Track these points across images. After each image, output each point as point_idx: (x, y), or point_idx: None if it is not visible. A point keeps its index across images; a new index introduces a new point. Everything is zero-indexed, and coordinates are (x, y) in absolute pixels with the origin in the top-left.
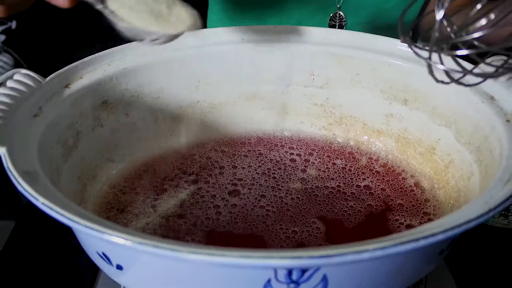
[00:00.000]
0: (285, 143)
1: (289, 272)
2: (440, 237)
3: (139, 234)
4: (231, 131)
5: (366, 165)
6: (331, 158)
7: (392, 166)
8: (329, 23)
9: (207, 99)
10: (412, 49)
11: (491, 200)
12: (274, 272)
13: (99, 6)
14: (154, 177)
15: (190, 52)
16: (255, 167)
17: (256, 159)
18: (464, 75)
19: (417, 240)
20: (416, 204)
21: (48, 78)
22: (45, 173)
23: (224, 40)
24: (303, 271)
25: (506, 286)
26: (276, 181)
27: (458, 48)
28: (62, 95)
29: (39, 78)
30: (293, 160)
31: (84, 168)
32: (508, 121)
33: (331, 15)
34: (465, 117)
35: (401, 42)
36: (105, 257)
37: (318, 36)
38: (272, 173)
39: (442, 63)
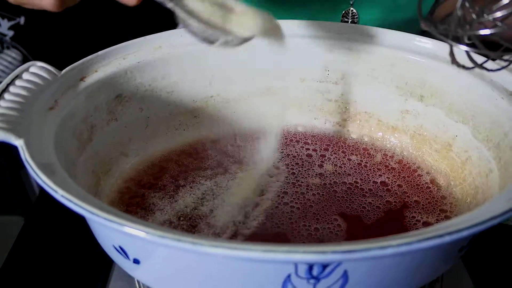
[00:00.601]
0: (299, 138)
1: (310, 267)
2: (465, 233)
3: (159, 227)
4: (245, 127)
5: (381, 161)
6: (346, 154)
7: (407, 163)
8: (341, 20)
9: (220, 94)
10: (434, 31)
11: None
12: (294, 267)
13: (169, 5)
14: (169, 172)
15: (203, 47)
16: (273, 163)
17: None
18: (487, 60)
19: (442, 236)
20: (433, 201)
21: (64, 71)
22: (62, 166)
23: None
24: (324, 266)
25: None
26: (295, 176)
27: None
28: (77, 88)
29: (54, 71)
30: (309, 156)
31: (98, 161)
32: None
33: (344, 12)
34: (483, 113)
35: (422, 27)
36: (122, 251)
37: (334, 30)
38: (291, 169)
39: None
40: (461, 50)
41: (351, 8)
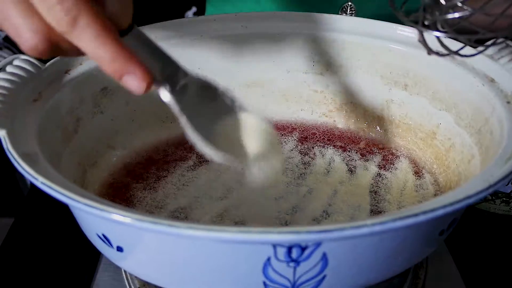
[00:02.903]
0: (287, 129)
1: (289, 249)
2: (440, 212)
3: (137, 212)
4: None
5: (366, 148)
6: (332, 142)
7: (393, 152)
8: (339, 14)
9: None
10: (404, 19)
11: (490, 177)
12: (273, 250)
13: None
14: (156, 164)
15: (190, 39)
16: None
17: None
18: (464, 46)
19: (416, 215)
20: (418, 189)
21: (48, 64)
22: (45, 157)
23: (223, 27)
24: (303, 249)
25: (507, 272)
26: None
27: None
28: (62, 81)
29: (38, 64)
30: (295, 146)
31: (84, 154)
32: (508, 102)
33: (341, 6)
34: (466, 100)
35: (397, 16)
36: (105, 239)
37: (318, 22)
38: None
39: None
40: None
41: (349, 3)
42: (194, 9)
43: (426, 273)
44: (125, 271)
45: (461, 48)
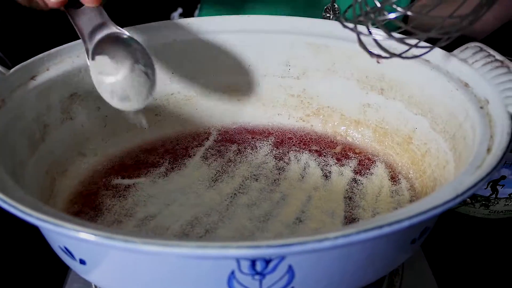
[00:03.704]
0: (262, 134)
1: (253, 262)
2: (405, 223)
3: (92, 226)
4: (207, 123)
5: (342, 152)
6: (307, 146)
7: (369, 157)
8: (323, 16)
9: (181, 91)
10: (341, 23)
11: (459, 186)
12: (237, 263)
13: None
14: (127, 171)
15: (162, 43)
16: (234, 158)
17: (234, 150)
18: (409, 49)
19: (380, 227)
20: (393, 194)
21: (12, 69)
22: (5, 166)
23: (197, 31)
24: (267, 261)
25: (487, 277)
26: (255, 171)
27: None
28: (28, 87)
29: (2, 70)
30: (270, 151)
31: (53, 162)
32: (481, 107)
33: (326, 7)
34: (440, 105)
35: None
36: (68, 252)
37: (294, 25)
38: (249, 162)
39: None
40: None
41: (334, 3)
42: (180, 10)
43: (402, 280)
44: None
45: (406, 51)
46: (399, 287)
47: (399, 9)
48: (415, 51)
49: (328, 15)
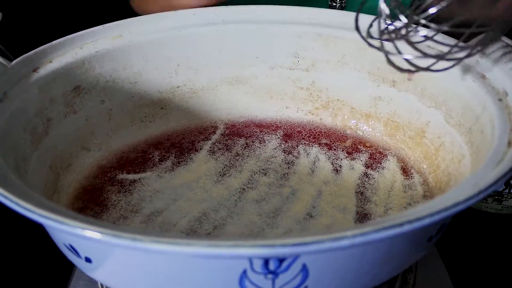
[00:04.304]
0: (271, 128)
1: (266, 261)
2: (427, 221)
3: (98, 223)
4: (214, 117)
5: (353, 146)
6: (317, 139)
7: (380, 150)
8: (329, 5)
9: (187, 84)
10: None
11: (481, 182)
12: (249, 262)
13: None
14: (133, 166)
15: (167, 34)
16: (242, 152)
17: (242, 144)
18: (437, 61)
19: (401, 225)
20: (406, 188)
21: (14, 61)
22: (9, 162)
23: (204, 22)
24: (281, 260)
25: (500, 273)
26: (264, 166)
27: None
28: (30, 79)
29: (4, 62)
30: (279, 144)
31: (56, 157)
32: (500, 99)
33: None
34: (456, 97)
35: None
36: (73, 250)
37: (302, 16)
38: (258, 156)
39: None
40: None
41: None
42: None
43: (415, 277)
44: None
45: (433, 64)
46: (413, 283)
47: (432, 25)
48: (445, 63)
49: (334, 3)
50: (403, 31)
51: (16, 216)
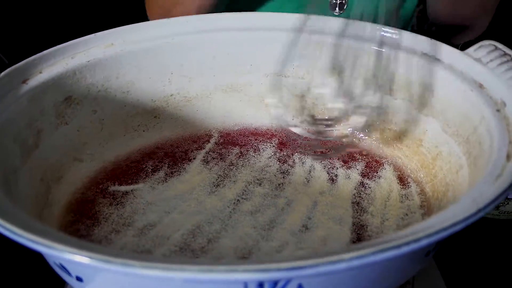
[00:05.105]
0: (265, 136)
1: (260, 284)
2: (424, 242)
3: (87, 246)
4: (208, 125)
5: (350, 155)
6: (311, 148)
7: (377, 159)
8: (330, 6)
9: (181, 92)
10: None
11: (480, 198)
12: (244, 285)
13: None
14: (125, 177)
15: (160, 42)
16: (236, 162)
17: (236, 153)
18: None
19: (399, 247)
20: (402, 198)
21: (2, 73)
22: None
23: (197, 29)
24: (275, 282)
25: (498, 280)
26: (258, 175)
27: None
28: (19, 91)
29: None
30: (274, 153)
31: (47, 168)
32: (498, 110)
33: (330, 2)
34: (453, 106)
35: None
36: (64, 268)
37: (298, 23)
38: (252, 165)
39: None
40: None
41: None
42: None
43: (413, 286)
44: None
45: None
46: None
47: None
48: None
49: (334, 0)
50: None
51: None
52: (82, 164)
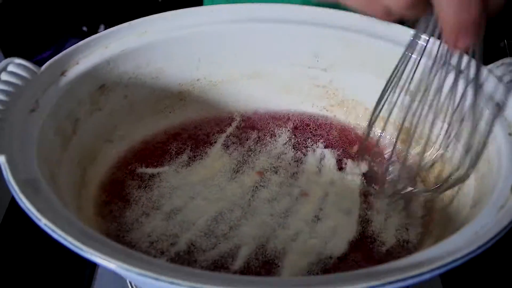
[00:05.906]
0: (286, 121)
1: None
2: (427, 276)
3: (139, 261)
4: (231, 108)
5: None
6: (326, 136)
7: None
8: None
9: (207, 77)
10: None
11: (481, 230)
12: None
13: None
14: (151, 158)
15: (189, 31)
16: (254, 147)
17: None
18: None
19: (404, 279)
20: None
21: (44, 67)
22: (44, 174)
23: (224, 19)
24: None
25: (498, 280)
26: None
27: None
28: (59, 84)
29: (34, 68)
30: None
31: (83, 153)
32: (510, 134)
33: None
34: (467, 118)
35: None
36: None
37: (326, 17)
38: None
39: None
40: None
41: None
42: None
43: None
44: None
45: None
46: None
47: None
48: None
49: None
50: None
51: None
52: (112, 144)
